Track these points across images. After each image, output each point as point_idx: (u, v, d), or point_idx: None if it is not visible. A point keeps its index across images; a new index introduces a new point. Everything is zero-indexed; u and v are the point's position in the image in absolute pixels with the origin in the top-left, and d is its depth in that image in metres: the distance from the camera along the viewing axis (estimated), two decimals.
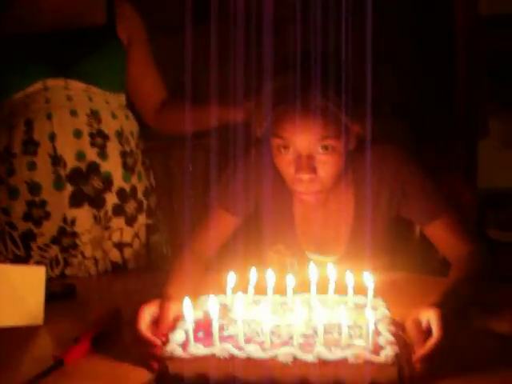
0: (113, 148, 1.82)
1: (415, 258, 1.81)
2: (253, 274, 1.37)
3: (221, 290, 1.34)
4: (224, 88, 1.78)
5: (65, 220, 1.78)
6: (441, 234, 1.55)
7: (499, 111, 3.00)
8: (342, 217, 1.62)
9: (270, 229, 1.67)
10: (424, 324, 1.17)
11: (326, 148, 1.43)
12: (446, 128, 2.81)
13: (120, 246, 1.85)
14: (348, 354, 1.05)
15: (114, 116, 1.85)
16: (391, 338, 1.11)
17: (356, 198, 1.61)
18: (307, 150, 1.43)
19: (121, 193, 1.83)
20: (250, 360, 1.07)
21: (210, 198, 1.72)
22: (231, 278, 1.35)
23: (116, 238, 1.84)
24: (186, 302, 1.17)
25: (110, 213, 1.82)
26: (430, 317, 1.16)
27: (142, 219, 1.89)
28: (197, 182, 2.10)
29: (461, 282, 1.36)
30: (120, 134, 1.85)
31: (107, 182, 1.81)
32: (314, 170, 1.44)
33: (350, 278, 1.32)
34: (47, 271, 1.50)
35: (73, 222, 1.78)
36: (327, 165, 1.45)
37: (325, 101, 1.41)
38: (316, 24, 1.59)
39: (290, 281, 1.33)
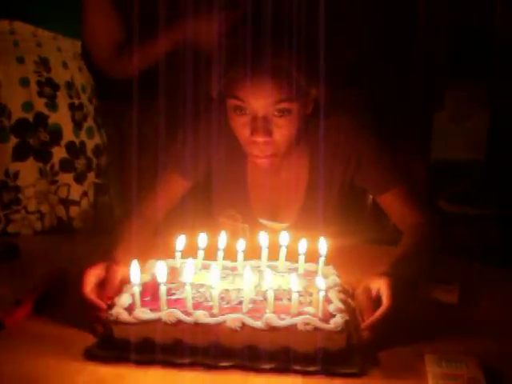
0: (63, 99, 1.74)
1: (367, 226, 1.82)
2: (202, 238, 1.34)
3: (170, 254, 1.32)
4: None
5: (7, 173, 1.70)
6: (394, 204, 1.55)
7: (453, 85, 3.02)
8: (295, 184, 1.60)
9: (222, 193, 1.64)
10: (374, 292, 1.17)
11: (281, 111, 1.40)
12: (401, 100, 2.81)
13: (66, 202, 1.79)
14: (297, 320, 1.03)
15: (65, 65, 1.76)
16: (341, 306, 1.10)
17: (310, 166, 1.59)
18: (263, 112, 1.40)
19: (70, 147, 1.76)
20: (197, 325, 1.05)
21: (161, 160, 1.67)
22: (180, 241, 1.32)
23: (63, 193, 1.78)
24: (133, 265, 1.14)
25: (57, 167, 1.75)
26: (380, 286, 1.16)
27: (91, 177, 1.83)
28: (148, 144, 2.05)
29: (411, 252, 1.36)
30: (70, 85, 1.76)
31: (55, 134, 1.73)
32: (269, 133, 1.41)
33: (302, 245, 1.31)
34: None
35: (15, 176, 1.70)
36: (283, 128, 1.42)
37: (280, 61, 1.37)
38: None
39: (241, 246, 1.31)
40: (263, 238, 1.32)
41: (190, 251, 1.31)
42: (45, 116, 1.71)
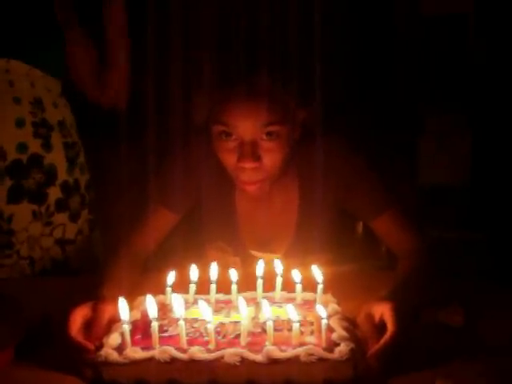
0: (56, 139, 1.71)
1: (359, 254, 1.78)
2: (193, 271, 1.28)
3: (161, 289, 1.26)
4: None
5: (1, 216, 1.65)
6: (387, 228, 1.50)
7: (435, 111, 3.03)
8: (286, 210, 1.56)
9: (211, 225, 1.59)
10: (377, 319, 1.11)
11: (270, 134, 1.36)
12: (383, 126, 2.81)
13: (62, 242, 1.74)
14: (300, 351, 0.97)
15: (55, 105, 1.74)
16: (345, 334, 1.04)
17: (300, 190, 1.55)
18: (251, 136, 1.35)
19: (65, 186, 1.72)
20: (193, 362, 0.99)
21: (148, 194, 1.62)
22: (171, 276, 1.26)
23: (58, 234, 1.73)
24: (121, 302, 1.07)
25: (52, 208, 1.70)
26: (383, 311, 1.11)
27: (85, 214, 1.80)
28: (134, 177, 2.00)
29: (410, 277, 1.32)
30: (62, 124, 1.74)
31: (50, 175, 1.70)
32: (258, 158, 1.36)
33: (297, 275, 1.26)
34: None
35: (9, 219, 1.65)
36: (272, 153, 1.37)
37: (267, 84, 1.34)
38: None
39: (234, 277, 1.25)
40: (259, 268, 1.27)
41: (182, 286, 1.25)
42: (40, 157, 1.68)
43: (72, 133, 1.78)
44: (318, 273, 1.25)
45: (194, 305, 1.22)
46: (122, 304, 1.07)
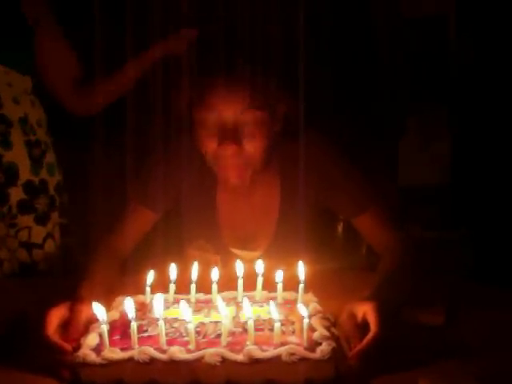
0: (17, 136, 1.66)
1: (339, 253, 1.77)
2: (173, 270, 1.26)
3: (140, 289, 1.24)
4: None
5: None
6: (369, 226, 1.50)
7: (415, 111, 3.04)
8: (267, 210, 1.55)
9: (191, 223, 1.57)
10: (359, 318, 1.11)
11: (250, 120, 1.36)
12: (363, 126, 2.81)
13: (28, 245, 1.69)
14: (282, 351, 0.96)
15: (16, 101, 1.68)
16: (327, 334, 1.03)
17: (282, 190, 1.54)
18: (231, 119, 1.35)
19: (29, 187, 1.67)
20: (173, 363, 0.97)
21: (127, 194, 1.59)
22: (150, 276, 1.24)
23: (23, 237, 1.68)
24: (96, 304, 1.05)
25: (14, 209, 1.65)
26: (365, 311, 1.10)
27: (54, 217, 1.74)
28: (112, 179, 1.97)
29: (392, 276, 1.31)
30: (24, 121, 1.68)
31: (11, 174, 1.65)
32: (238, 142, 1.36)
33: (279, 274, 1.24)
34: None
35: None
36: (252, 139, 1.37)
37: (250, 71, 1.36)
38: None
39: (214, 276, 1.24)
40: (239, 268, 1.25)
41: (162, 286, 1.24)
42: None
43: (37, 131, 1.72)
44: (301, 271, 1.24)
45: (173, 304, 1.20)
46: (98, 305, 1.05)
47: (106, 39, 1.86)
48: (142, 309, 1.16)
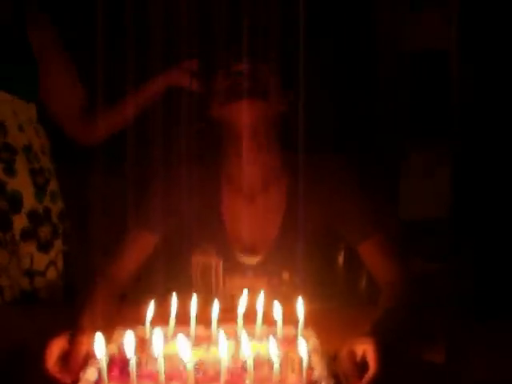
0: (21, 164, 1.67)
1: (339, 286, 1.77)
2: (173, 304, 1.26)
3: (140, 319, 1.23)
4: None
5: None
6: (372, 254, 1.51)
7: (417, 145, 3.06)
8: (272, 211, 1.55)
9: (196, 228, 1.57)
10: (359, 356, 1.10)
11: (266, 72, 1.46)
12: (366, 161, 2.83)
13: (30, 273, 1.68)
14: None
15: (21, 128, 1.69)
16: (325, 372, 1.03)
17: (288, 195, 1.55)
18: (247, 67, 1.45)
19: (33, 215, 1.67)
20: None
21: (129, 219, 1.60)
22: (150, 308, 1.24)
23: (25, 264, 1.68)
24: (98, 336, 1.05)
25: (17, 236, 1.65)
26: (365, 349, 1.10)
27: (58, 245, 1.74)
28: (112, 207, 1.98)
29: (392, 309, 1.31)
30: (28, 149, 1.69)
31: (15, 201, 1.65)
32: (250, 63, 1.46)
33: (278, 309, 1.24)
34: None
35: None
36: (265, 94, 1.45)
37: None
38: None
39: (215, 312, 1.24)
40: (242, 301, 1.25)
41: (162, 317, 1.23)
42: (3, 182, 1.63)
43: (41, 158, 1.73)
44: (300, 307, 1.23)
45: (173, 338, 1.20)
46: (99, 338, 1.05)
47: (109, 68, 1.87)
48: (142, 344, 1.16)
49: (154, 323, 1.22)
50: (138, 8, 2.14)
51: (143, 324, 1.22)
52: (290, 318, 1.24)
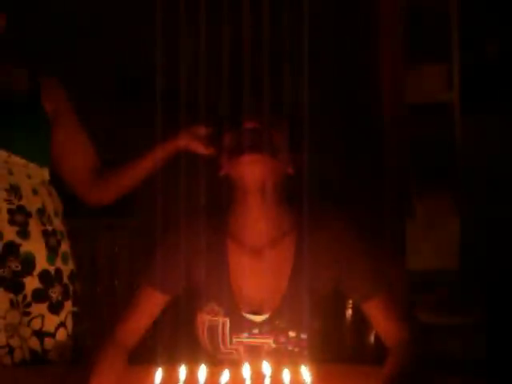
0: (35, 226, 1.70)
1: (346, 343, 1.77)
2: (182, 373, 1.27)
3: None
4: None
5: None
6: (376, 313, 1.52)
7: (422, 195, 3.08)
8: (279, 267, 1.56)
9: (204, 289, 1.58)
10: None
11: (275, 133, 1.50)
12: (373, 211, 2.85)
13: (40, 334, 1.70)
14: None
15: (35, 192, 1.73)
16: None
17: (295, 257, 1.56)
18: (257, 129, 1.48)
19: (44, 276, 1.70)
20: None
21: (138, 279, 1.62)
22: (158, 376, 1.25)
23: (36, 325, 1.69)
24: None
25: (29, 298, 1.68)
26: None
27: (68, 306, 1.75)
28: (122, 268, 2.01)
29: (400, 370, 1.33)
30: (42, 212, 1.73)
31: (28, 263, 1.67)
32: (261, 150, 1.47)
33: (286, 374, 1.25)
34: None
35: None
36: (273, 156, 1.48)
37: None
38: None
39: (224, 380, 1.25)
40: (246, 370, 1.27)
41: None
42: (16, 244, 1.67)
43: (54, 220, 1.76)
44: (305, 372, 1.24)
45: None
46: None
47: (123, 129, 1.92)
48: None
49: None
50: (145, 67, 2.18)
51: None
52: (297, 378, 1.24)
